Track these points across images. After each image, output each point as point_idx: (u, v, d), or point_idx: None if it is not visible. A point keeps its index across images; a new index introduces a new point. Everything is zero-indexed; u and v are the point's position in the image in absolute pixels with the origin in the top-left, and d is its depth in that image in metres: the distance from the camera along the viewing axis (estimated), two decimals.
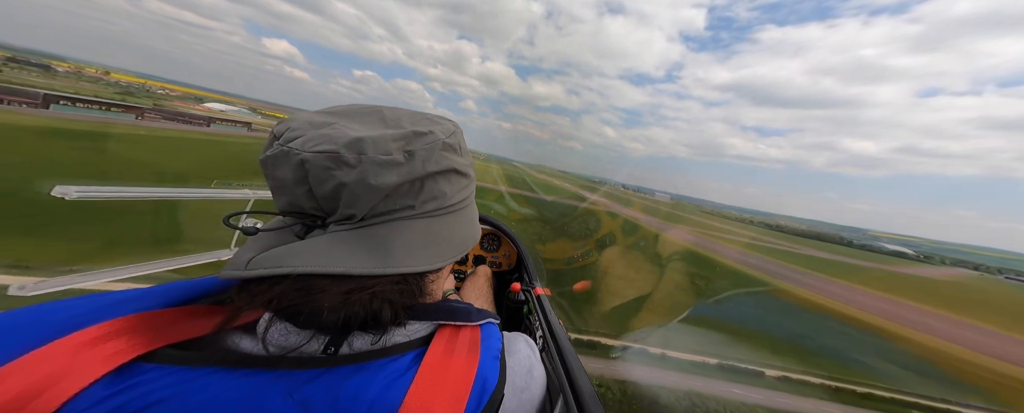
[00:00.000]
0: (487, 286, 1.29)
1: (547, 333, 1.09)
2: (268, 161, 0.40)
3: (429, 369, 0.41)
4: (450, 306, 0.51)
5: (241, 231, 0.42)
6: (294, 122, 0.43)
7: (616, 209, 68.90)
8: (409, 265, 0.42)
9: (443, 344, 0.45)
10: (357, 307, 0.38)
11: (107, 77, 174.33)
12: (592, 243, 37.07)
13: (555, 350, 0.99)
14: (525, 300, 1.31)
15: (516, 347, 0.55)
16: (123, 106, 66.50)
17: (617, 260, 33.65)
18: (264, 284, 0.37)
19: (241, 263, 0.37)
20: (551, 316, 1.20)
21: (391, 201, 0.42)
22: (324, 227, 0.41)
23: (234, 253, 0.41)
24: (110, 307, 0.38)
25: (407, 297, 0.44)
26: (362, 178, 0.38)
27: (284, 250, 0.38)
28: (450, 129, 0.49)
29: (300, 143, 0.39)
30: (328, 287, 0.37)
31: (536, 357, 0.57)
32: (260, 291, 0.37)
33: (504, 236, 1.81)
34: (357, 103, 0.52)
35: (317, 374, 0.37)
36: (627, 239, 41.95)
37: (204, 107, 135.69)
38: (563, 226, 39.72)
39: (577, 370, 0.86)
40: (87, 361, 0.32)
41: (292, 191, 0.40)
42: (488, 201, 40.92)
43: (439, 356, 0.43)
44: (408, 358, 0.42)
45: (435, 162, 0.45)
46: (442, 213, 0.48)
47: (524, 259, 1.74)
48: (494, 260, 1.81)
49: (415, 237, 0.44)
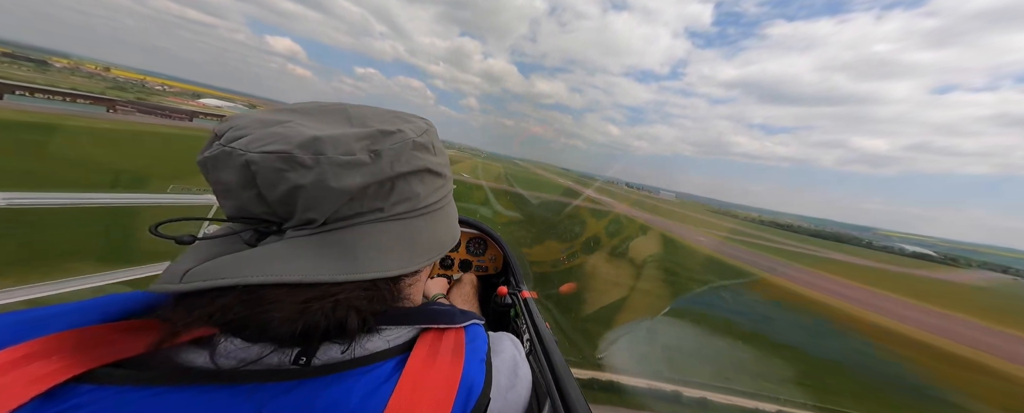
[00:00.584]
0: (472, 292, 1.31)
1: (534, 336, 1.11)
2: (207, 163, 0.37)
3: (412, 375, 0.39)
4: (432, 309, 0.49)
5: (174, 241, 0.37)
6: (240, 120, 0.39)
7: (625, 211, 64.68)
8: (378, 269, 0.39)
9: (426, 349, 0.43)
10: (317, 317, 0.35)
11: (106, 73, 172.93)
12: (601, 242, 32.80)
13: (542, 353, 1.01)
14: (512, 303, 1.33)
15: (501, 346, 0.53)
16: (92, 98, 62.30)
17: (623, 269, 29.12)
18: (204, 297, 0.33)
19: (176, 275, 0.33)
20: (538, 319, 1.21)
21: (357, 204, 0.39)
22: (280, 233, 0.38)
23: (168, 267, 0.36)
24: (34, 324, 0.34)
25: (377, 303, 0.41)
26: (320, 180, 0.35)
27: (229, 259, 0.35)
28: (422, 127, 0.47)
29: (245, 143, 0.35)
30: (282, 297, 0.34)
31: (521, 355, 0.55)
32: (199, 305, 0.33)
33: (490, 240, 1.80)
34: (320, 101, 0.48)
35: (290, 387, 0.35)
36: (644, 248, 37.46)
37: (199, 103, 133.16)
38: (556, 224, 35.42)
39: (564, 373, 0.88)
40: (12, 384, 0.28)
41: (238, 195, 0.37)
42: (489, 198, 37.05)
43: (422, 361, 0.41)
44: (390, 365, 0.40)
45: (405, 162, 0.42)
46: (415, 215, 0.45)
47: (511, 263, 1.72)
48: (480, 264, 1.80)
49: (385, 240, 0.41)
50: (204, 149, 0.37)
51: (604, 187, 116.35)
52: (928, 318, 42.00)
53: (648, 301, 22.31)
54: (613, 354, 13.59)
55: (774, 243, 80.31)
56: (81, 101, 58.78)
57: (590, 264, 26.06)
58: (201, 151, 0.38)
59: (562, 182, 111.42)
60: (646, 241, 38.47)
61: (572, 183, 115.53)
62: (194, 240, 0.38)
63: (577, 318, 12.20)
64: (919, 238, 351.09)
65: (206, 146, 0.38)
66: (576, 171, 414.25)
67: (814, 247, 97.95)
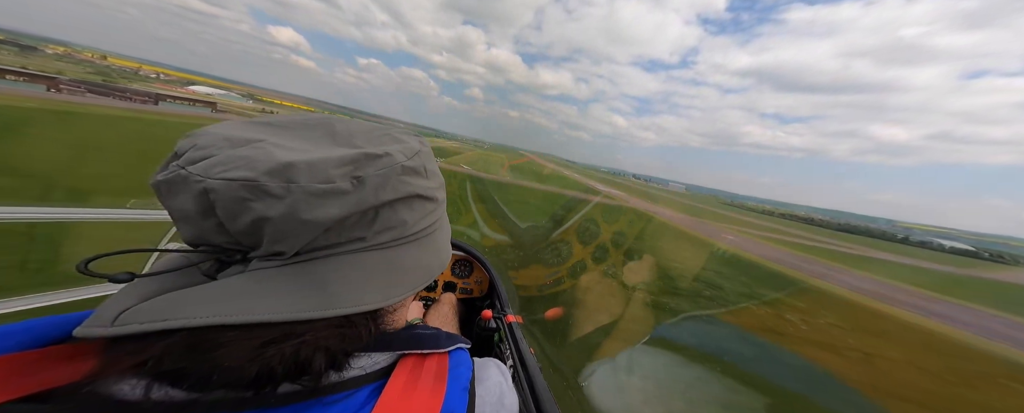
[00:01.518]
0: (452, 314, 1.25)
1: (517, 362, 1.11)
2: (160, 186, 0.33)
3: (388, 404, 0.36)
4: (415, 334, 0.45)
5: (108, 280, 0.31)
6: (205, 137, 0.34)
7: (634, 203, 57.10)
8: (355, 303, 0.35)
9: (405, 375, 0.40)
10: (274, 361, 0.31)
11: (102, 61, 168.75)
12: (608, 242, 25.75)
13: (525, 380, 1.01)
14: (496, 328, 1.32)
15: (487, 374, 0.50)
16: (27, 74, 54.29)
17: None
18: (138, 342, 0.29)
19: (107, 317, 0.29)
20: (522, 345, 1.20)
21: (334, 234, 0.35)
22: (245, 263, 0.34)
23: (103, 303, 0.31)
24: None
25: (351, 342, 0.37)
26: (292, 212, 0.31)
27: (177, 297, 0.31)
28: (414, 148, 0.42)
29: (204, 167, 0.31)
30: (236, 340, 0.30)
31: (508, 384, 0.53)
32: (133, 350, 0.29)
33: (476, 262, 1.79)
34: (304, 115, 0.44)
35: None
36: (654, 240, 30.02)
37: (189, 90, 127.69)
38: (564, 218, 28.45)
39: (547, 401, 0.88)
40: None
41: (197, 224, 0.33)
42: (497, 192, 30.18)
43: (400, 389, 0.38)
44: (363, 393, 0.37)
45: (392, 189, 0.38)
46: (401, 243, 0.41)
47: (496, 285, 1.71)
48: (465, 286, 1.78)
49: (364, 272, 0.37)
50: (159, 170, 0.33)
51: (610, 179, 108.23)
52: (999, 327, 34.01)
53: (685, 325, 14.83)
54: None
55: (801, 239, 72.23)
56: (10, 77, 50.73)
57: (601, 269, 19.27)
58: (156, 172, 0.33)
59: (568, 174, 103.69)
60: (666, 245, 31.14)
61: (577, 175, 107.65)
62: (133, 278, 0.33)
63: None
64: (939, 230, 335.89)
65: (162, 166, 0.33)
66: (581, 163, 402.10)
67: (848, 244, 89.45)
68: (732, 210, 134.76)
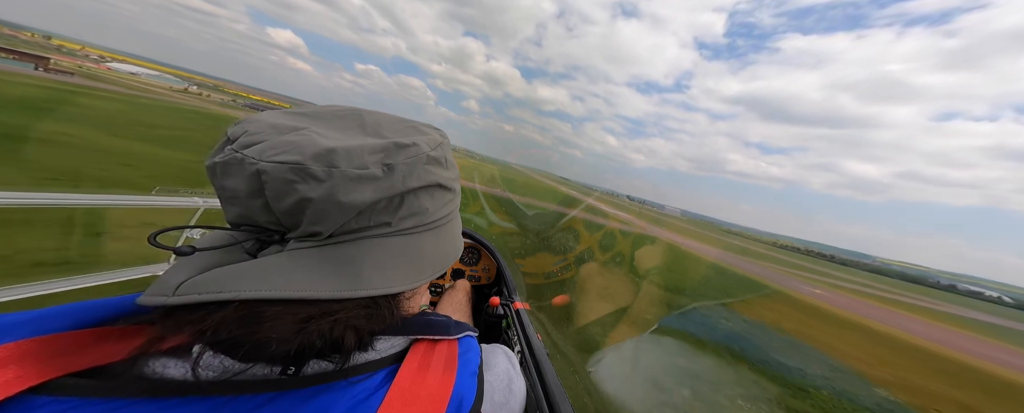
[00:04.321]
0: (466, 300, 1.26)
1: (525, 349, 1.11)
2: (217, 168, 0.35)
3: (402, 387, 0.38)
4: (427, 320, 0.48)
5: (173, 253, 0.34)
6: (254, 124, 0.37)
7: (653, 231, 45.90)
8: (381, 286, 0.38)
9: (418, 360, 0.42)
10: (314, 337, 0.34)
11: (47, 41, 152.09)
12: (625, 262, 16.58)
13: (533, 367, 0.99)
14: (504, 314, 1.34)
15: (495, 360, 0.52)
16: None
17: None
18: (198, 312, 0.31)
19: (169, 286, 0.31)
20: (530, 331, 1.20)
21: (365, 218, 0.38)
22: (282, 243, 0.36)
23: (164, 271, 0.33)
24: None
25: (376, 322, 0.39)
26: (331, 194, 0.34)
27: (228, 271, 0.32)
28: (437, 140, 0.45)
29: (258, 151, 0.33)
30: (281, 314, 0.32)
31: (516, 370, 0.54)
32: (193, 320, 0.31)
33: (484, 249, 1.82)
34: (334, 104, 0.47)
35: (268, 399, 0.33)
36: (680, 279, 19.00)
37: (105, 67, 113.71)
38: (547, 238, 19.06)
39: (555, 387, 0.88)
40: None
41: (245, 203, 0.35)
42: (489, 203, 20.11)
43: (413, 373, 0.40)
44: (379, 376, 0.39)
45: (417, 177, 0.40)
46: (422, 230, 0.43)
47: (504, 273, 1.73)
48: (473, 274, 1.82)
49: (389, 256, 0.40)
50: (214, 153, 0.35)
51: (610, 199, 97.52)
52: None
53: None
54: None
55: (824, 275, 62.39)
56: None
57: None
58: (211, 154, 0.36)
59: (565, 191, 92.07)
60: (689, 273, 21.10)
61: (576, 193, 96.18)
62: (194, 251, 0.35)
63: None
64: (900, 263, 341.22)
65: (217, 149, 0.36)
66: (574, 181, 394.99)
67: (864, 280, 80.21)
68: (756, 243, 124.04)
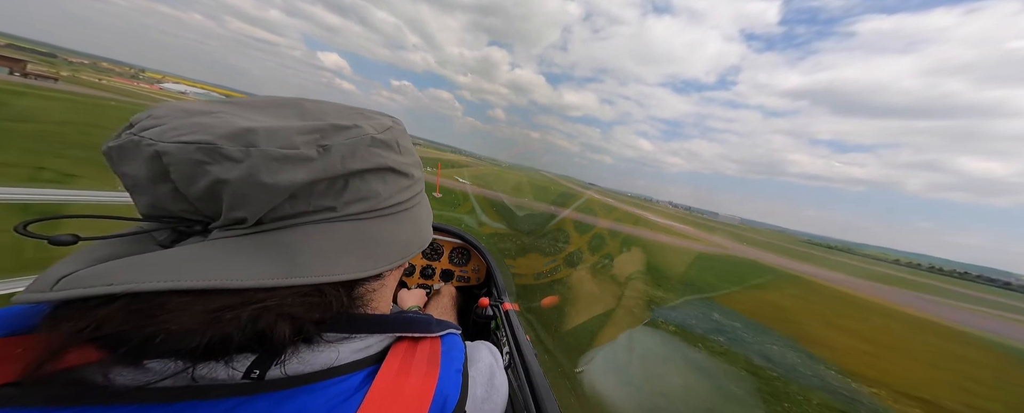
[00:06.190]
0: (451, 304, 1.26)
1: (514, 349, 1.11)
2: (111, 152, 0.31)
3: (382, 387, 0.36)
4: (407, 317, 0.46)
5: (49, 242, 0.30)
6: (161, 109, 0.34)
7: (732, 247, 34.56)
8: (323, 273, 0.34)
9: (399, 359, 0.40)
10: (230, 327, 0.29)
11: None
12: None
13: (521, 367, 1.00)
14: (493, 315, 1.34)
15: (478, 355, 0.51)
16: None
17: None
18: (79, 308, 0.27)
19: (48, 282, 0.27)
20: (519, 331, 1.21)
21: (302, 202, 0.35)
22: (205, 233, 0.33)
23: (46, 270, 0.29)
24: None
25: (321, 311, 0.35)
26: (251, 175, 0.31)
27: (127, 262, 0.29)
28: (385, 124, 0.42)
29: (157, 133, 0.30)
30: (186, 306, 0.28)
31: (499, 364, 0.53)
32: (73, 317, 0.27)
33: (474, 250, 1.80)
34: (277, 96, 0.44)
35: (231, 406, 0.31)
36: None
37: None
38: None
39: (543, 388, 0.88)
40: None
41: (150, 190, 0.32)
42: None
43: (394, 373, 0.38)
44: (359, 377, 0.37)
45: (361, 159, 0.38)
46: (374, 215, 0.41)
47: (493, 273, 1.71)
48: (463, 274, 1.79)
49: (336, 243, 0.37)
50: (112, 138, 0.32)
51: (648, 205, 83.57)
52: None
53: None
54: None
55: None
56: None
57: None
58: (108, 139, 0.32)
59: (602, 200, 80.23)
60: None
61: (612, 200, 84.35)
62: (76, 240, 0.31)
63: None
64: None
65: (115, 135, 0.33)
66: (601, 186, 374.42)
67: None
68: (873, 262, 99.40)
